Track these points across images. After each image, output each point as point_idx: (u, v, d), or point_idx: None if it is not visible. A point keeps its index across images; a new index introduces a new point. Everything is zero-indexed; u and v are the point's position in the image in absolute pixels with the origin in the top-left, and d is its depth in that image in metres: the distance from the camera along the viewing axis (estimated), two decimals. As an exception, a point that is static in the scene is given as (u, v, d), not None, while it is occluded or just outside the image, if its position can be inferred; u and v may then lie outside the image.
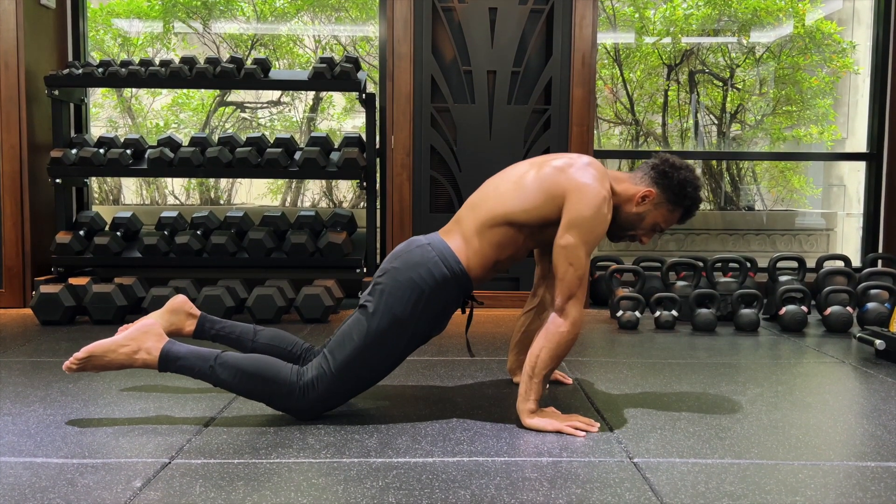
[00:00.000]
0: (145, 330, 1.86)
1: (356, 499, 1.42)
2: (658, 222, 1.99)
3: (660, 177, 1.95)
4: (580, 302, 1.83)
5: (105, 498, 1.41)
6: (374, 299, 1.87)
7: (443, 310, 1.90)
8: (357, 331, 1.86)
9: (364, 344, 1.85)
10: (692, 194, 1.96)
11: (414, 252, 1.89)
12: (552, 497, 1.44)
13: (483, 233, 1.90)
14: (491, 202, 1.92)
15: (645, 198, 1.95)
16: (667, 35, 5.58)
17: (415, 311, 1.85)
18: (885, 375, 2.45)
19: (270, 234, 3.57)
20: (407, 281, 1.84)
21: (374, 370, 1.90)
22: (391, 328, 1.84)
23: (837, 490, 1.49)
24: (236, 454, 1.66)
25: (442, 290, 1.86)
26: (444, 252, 1.88)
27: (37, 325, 3.22)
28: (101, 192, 5.39)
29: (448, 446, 1.72)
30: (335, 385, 1.86)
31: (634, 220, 1.98)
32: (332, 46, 5.58)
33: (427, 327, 1.90)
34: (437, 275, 1.86)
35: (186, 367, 1.86)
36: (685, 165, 1.97)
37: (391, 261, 1.91)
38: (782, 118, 5.75)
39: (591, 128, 3.71)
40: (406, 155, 3.69)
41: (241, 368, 1.84)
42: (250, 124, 5.70)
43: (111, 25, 5.42)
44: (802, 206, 5.78)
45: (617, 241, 2.08)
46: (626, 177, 2.00)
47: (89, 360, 1.84)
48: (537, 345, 1.83)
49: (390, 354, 1.89)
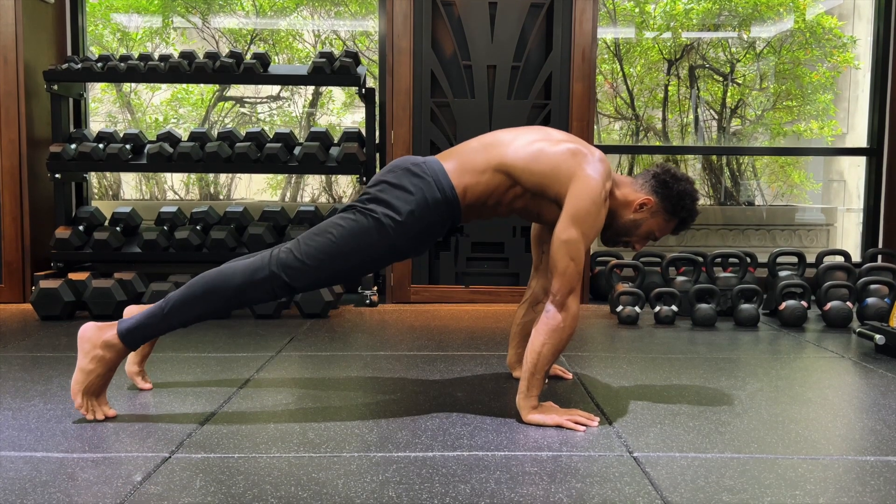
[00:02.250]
0: (87, 336, 1.84)
1: (356, 493, 1.42)
2: (653, 230, 2.01)
3: (660, 186, 1.97)
4: (578, 294, 1.84)
5: (105, 492, 1.41)
6: (361, 203, 1.87)
7: (427, 229, 1.88)
8: (337, 228, 1.84)
9: (342, 240, 1.83)
10: (689, 206, 1.98)
11: (410, 168, 1.89)
12: (552, 491, 1.44)
13: (483, 172, 1.90)
14: (501, 149, 1.92)
15: (643, 205, 1.97)
16: (667, 30, 5.57)
17: (400, 224, 1.83)
18: (885, 370, 2.45)
19: (270, 229, 3.57)
20: (399, 194, 1.85)
21: (345, 268, 1.87)
22: (373, 232, 1.83)
23: (837, 485, 1.50)
24: (236, 449, 1.66)
25: (431, 210, 1.86)
26: (439, 175, 1.88)
27: (36, 320, 3.22)
28: (100, 188, 5.38)
29: (448, 441, 1.72)
30: (304, 271, 1.84)
31: (630, 227, 2.00)
32: (331, 41, 5.57)
33: (407, 244, 1.88)
34: (429, 195, 1.85)
35: (148, 329, 1.85)
36: (686, 178, 2.00)
37: (385, 174, 1.91)
38: (782, 113, 5.74)
39: (591, 123, 3.70)
40: (406, 150, 3.69)
41: (188, 296, 1.83)
42: (250, 119, 5.69)
43: (110, 20, 5.41)
44: (802, 202, 5.78)
45: (610, 245, 2.09)
46: (627, 181, 2.01)
47: (85, 396, 1.84)
48: (537, 340, 1.82)
49: (364, 257, 1.86)
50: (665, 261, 3.51)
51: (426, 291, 3.74)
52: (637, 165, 5.65)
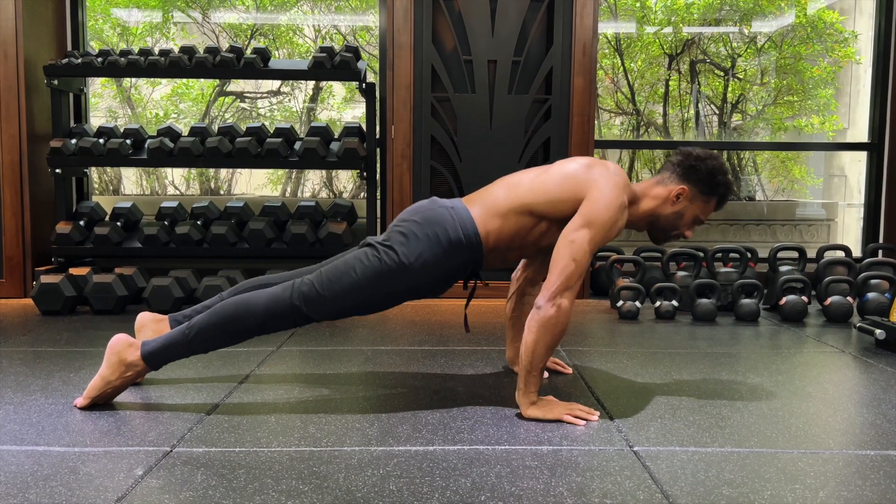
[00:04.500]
0: (117, 349, 1.88)
1: (357, 487, 1.42)
2: (697, 215, 2.02)
3: (688, 172, 1.97)
4: (574, 293, 1.83)
5: (107, 486, 1.42)
6: (387, 241, 1.89)
7: (448, 272, 1.91)
8: (360, 265, 1.86)
9: (364, 278, 1.85)
10: (724, 180, 1.99)
11: (437, 210, 1.91)
12: (552, 485, 1.44)
13: (507, 215, 1.92)
14: (522, 189, 1.94)
15: (679, 195, 1.97)
16: (668, 24, 5.56)
17: (423, 265, 1.85)
18: (885, 365, 2.45)
19: (271, 224, 3.57)
20: (423, 235, 1.86)
21: (365, 304, 1.90)
22: (395, 272, 1.85)
23: (837, 478, 1.50)
24: (238, 443, 1.66)
25: (454, 253, 1.88)
26: (464, 219, 1.90)
27: (37, 314, 3.22)
28: (101, 183, 5.38)
29: (449, 435, 1.73)
30: (324, 305, 1.87)
31: (675, 220, 2.01)
32: (331, 36, 5.56)
33: (428, 284, 1.90)
34: (454, 237, 1.87)
35: (171, 354, 1.89)
36: (709, 154, 2.00)
37: (412, 213, 1.93)
38: (783, 108, 5.74)
39: (592, 118, 3.70)
40: (406, 145, 3.69)
41: (211, 325, 1.86)
42: (250, 114, 5.69)
43: (110, 15, 5.40)
44: (803, 197, 5.78)
45: (663, 243, 2.10)
46: (651, 182, 2.02)
47: (95, 400, 1.90)
48: (529, 338, 1.82)
49: (386, 295, 1.89)
50: (665, 256, 3.51)
51: (427, 286, 3.74)
52: (637, 160, 5.65)
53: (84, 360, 2.40)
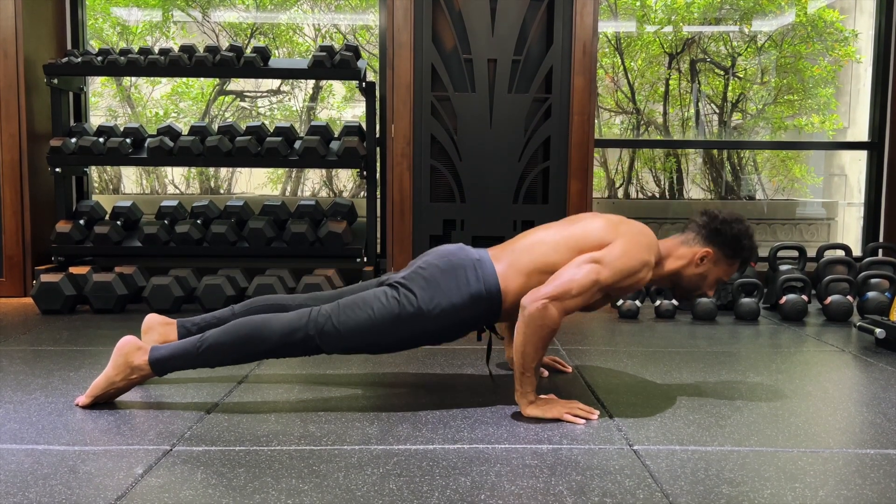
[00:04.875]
0: (125, 351, 1.89)
1: (357, 485, 1.42)
2: (720, 277, 2.02)
3: (713, 235, 1.98)
4: (564, 308, 1.81)
5: (107, 485, 1.42)
6: (408, 283, 1.89)
7: (463, 323, 1.92)
8: (378, 304, 1.87)
9: (380, 318, 1.86)
10: (749, 245, 1.99)
11: (463, 260, 1.92)
12: (552, 484, 1.44)
13: (529, 274, 1.92)
14: (544, 248, 1.94)
15: (704, 258, 1.98)
16: (668, 23, 5.56)
17: (440, 313, 1.87)
18: (885, 364, 2.45)
19: (271, 223, 3.57)
20: (444, 282, 1.87)
21: (376, 344, 1.91)
22: (411, 316, 1.86)
23: (837, 477, 1.50)
24: (237, 441, 1.66)
25: (472, 305, 1.89)
26: (488, 274, 1.90)
27: (37, 314, 3.22)
28: (100, 182, 5.38)
29: (448, 434, 1.73)
30: (338, 339, 1.87)
31: (699, 281, 2.01)
32: (331, 35, 5.56)
33: (442, 332, 1.92)
34: (475, 290, 1.88)
35: (179, 363, 1.90)
36: (735, 217, 2.00)
37: (438, 257, 1.94)
38: (784, 107, 5.73)
39: (592, 117, 3.70)
40: (406, 144, 3.68)
41: (223, 343, 1.87)
42: (250, 113, 5.69)
43: (109, 14, 5.40)
44: (803, 196, 5.78)
45: (684, 302, 2.10)
46: (677, 242, 2.02)
47: (97, 399, 1.90)
48: (518, 340, 1.82)
49: (398, 339, 1.91)
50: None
51: (427, 285, 3.74)
52: (638, 159, 5.65)
53: (84, 359, 2.40)
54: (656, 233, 2.04)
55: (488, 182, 3.71)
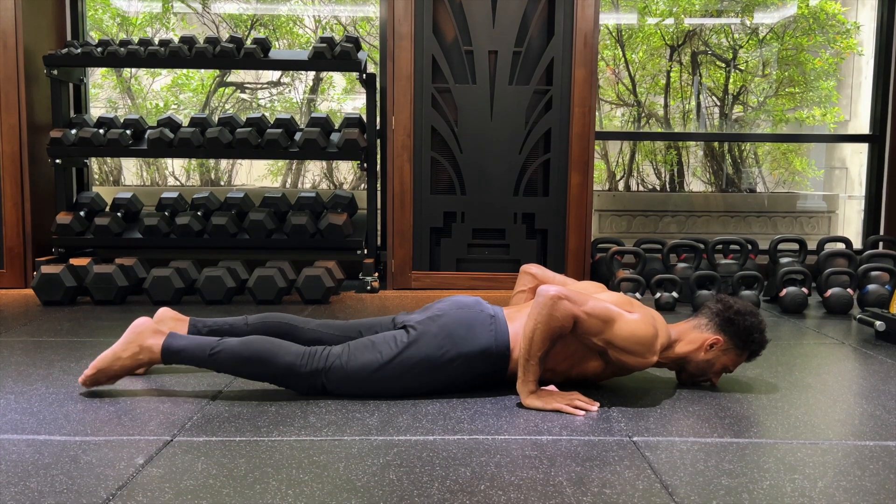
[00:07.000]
0: (139, 330, 1.91)
1: (357, 476, 1.43)
2: (727, 366, 2.03)
3: (725, 324, 1.98)
4: (575, 310, 1.81)
5: (108, 475, 1.42)
6: (421, 329, 1.91)
7: (471, 373, 1.93)
8: (388, 347, 1.90)
9: (388, 361, 1.89)
10: (759, 338, 1.99)
11: (478, 315, 1.94)
12: (552, 475, 1.44)
13: None
14: None
15: (713, 345, 1.98)
16: (669, 16, 5.54)
17: (447, 364, 1.89)
18: (885, 357, 2.45)
19: (271, 215, 3.57)
20: (456, 335, 1.89)
21: (384, 386, 1.92)
22: (419, 363, 1.89)
23: (836, 468, 1.50)
24: (238, 432, 1.67)
25: (479, 360, 1.91)
26: (500, 332, 1.92)
27: (38, 305, 3.22)
28: (101, 173, 5.38)
29: (449, 425, 1.73)
30: (343, 376, 1.89)
31: (705, 367, 2.01)
32: (332, 26, 5.54)
33: (448, 381, 1.93)
34: (485, 345, 1.90)
35: (188, 357, 1.91)
36: (749, 310, 1.99)
37: (456, 307, 1.95)
38: (785, 100, 5.72)
39: (593, 109, 3.69)
40: (407, 136, 3.68)
41: (239, 354, 1.88)
42: (250, 105, 5.68)
43: (109, 5, 5.38)
44: (804, 189, 5.77)
45: (688, 385, 2.09)
46: (688, 326, 2.02)
47: (100, 373, 1.90)
48: (529, 325, 1.83)
49: (405, 384, 1.92)
50: (666, 247, 3.51)
51: (427, 278, 3.75)
52: (638, 152, 5.64)
53: (85, 350, 2.41)
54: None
55: (489, 174, 3.71)
